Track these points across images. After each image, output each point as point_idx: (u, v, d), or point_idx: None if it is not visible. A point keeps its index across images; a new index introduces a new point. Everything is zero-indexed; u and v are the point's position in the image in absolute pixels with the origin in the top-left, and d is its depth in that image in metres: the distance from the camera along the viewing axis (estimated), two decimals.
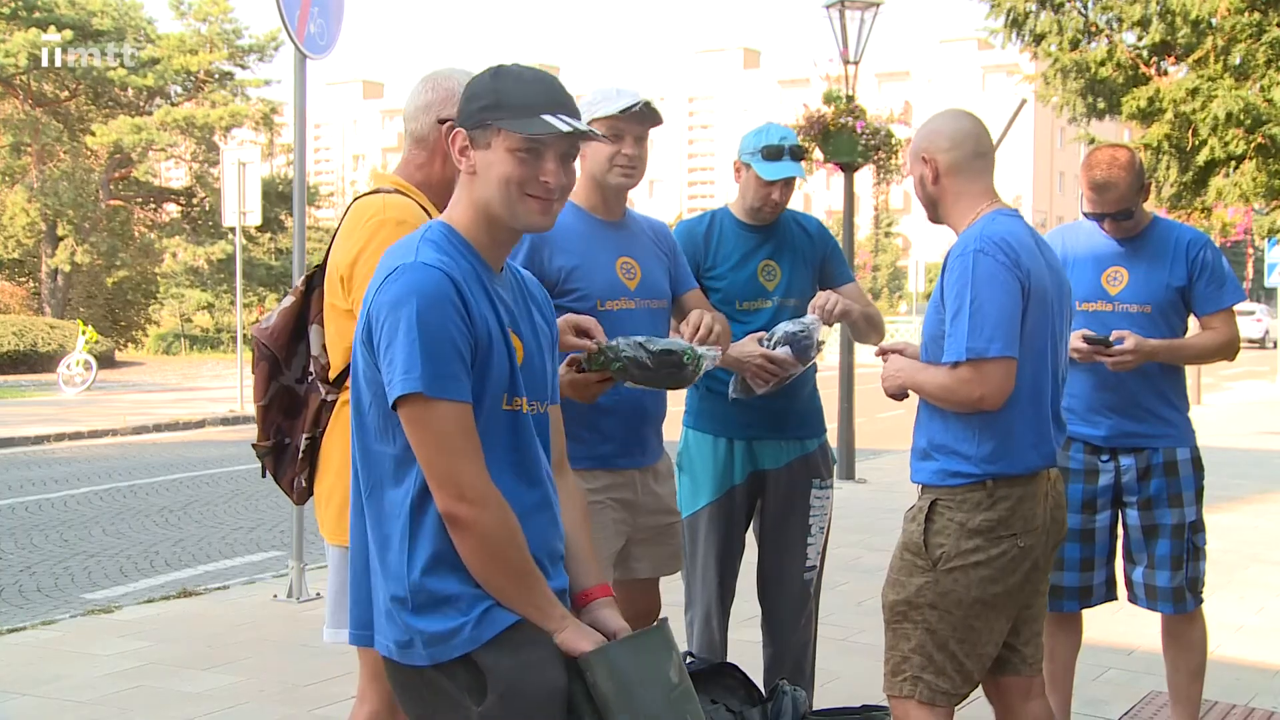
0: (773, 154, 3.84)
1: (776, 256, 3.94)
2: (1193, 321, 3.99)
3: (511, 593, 2.13)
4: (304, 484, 2.90)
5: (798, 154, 3.89)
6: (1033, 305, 2.92)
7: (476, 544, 2.09)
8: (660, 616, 2.27)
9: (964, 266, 2.91)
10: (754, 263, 3.92)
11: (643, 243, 3.56)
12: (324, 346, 2.84)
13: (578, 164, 3.43)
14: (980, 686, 3.15)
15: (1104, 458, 3.90)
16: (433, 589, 2.11)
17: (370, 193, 2.86)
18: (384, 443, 2.15)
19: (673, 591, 3.94)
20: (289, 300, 2.89)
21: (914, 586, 3.00)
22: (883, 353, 3.23)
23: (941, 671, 3.00)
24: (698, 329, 3.31)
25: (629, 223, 3.52)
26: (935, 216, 3.15)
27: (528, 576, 2.15)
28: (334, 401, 2.82)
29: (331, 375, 2.83)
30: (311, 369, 2.85)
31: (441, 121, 2.83)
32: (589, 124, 3.39)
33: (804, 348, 3.67)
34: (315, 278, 2.89)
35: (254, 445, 2.97)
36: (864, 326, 3.94)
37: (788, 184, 3.88)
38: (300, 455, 2.86)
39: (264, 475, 3.05)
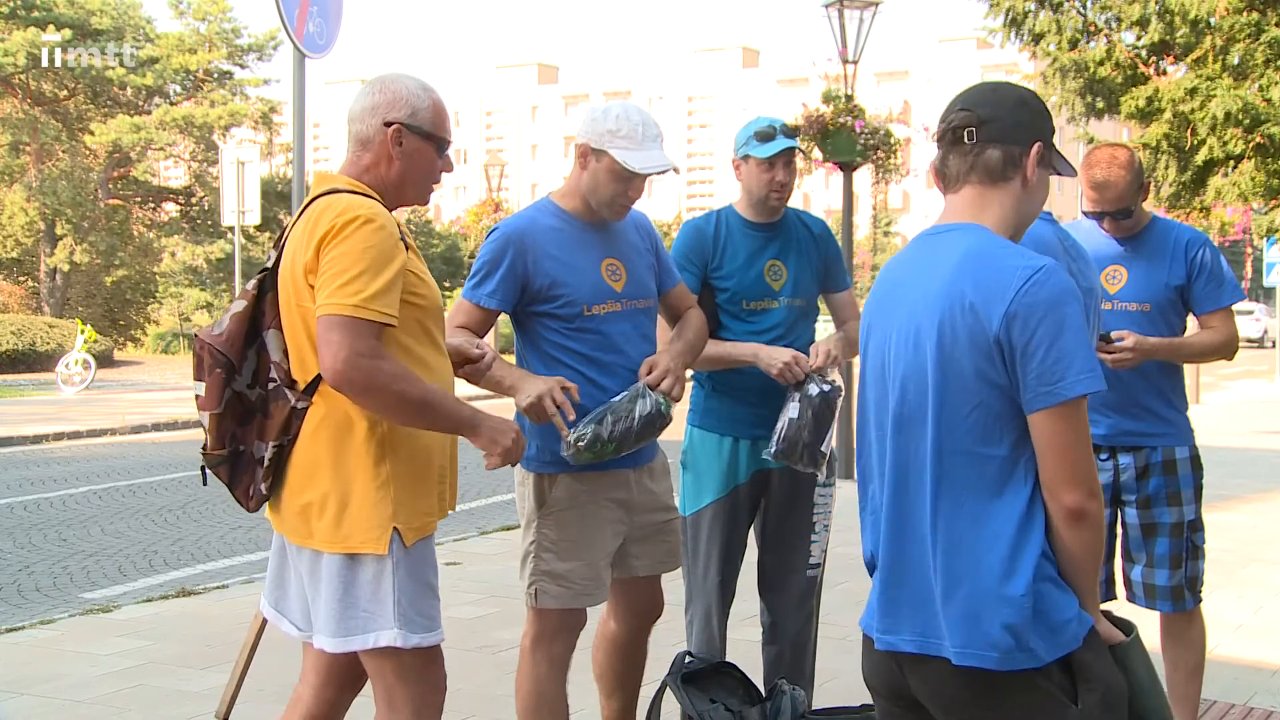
0: (765, 135, 3.85)
1: (782, 256, 3.93)
2: (1191, 320, 4.00)
3: (1094, 584, 2.15)
4: (263, 491, 2.84)
5: (790, 132, 3.89)
6: None
7: (1095, 537, 2.11)
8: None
9: None
10: (761, 262, 3.90)
11: (626, 240, 3.56)
12: (284, 352, 2.76)
13: (589, 174, 3.44)
14: None
15: (1103, 456, 3.90)
16: (1044, 589, 2.10)
17: (327, 193, 2.75)
18: (990, 445, 2.12)
19: (674, 591, 3.94)
20: (240, 305, 2.78)
21: None
22: None
23: None
24: (652, 371, 3.41)
25: (610, 220, 3.52)
26: None
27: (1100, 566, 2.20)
28: (304, 409, 2.74)
29: (302, 382, 2.74)
30: (274, 375, 2.77)
31: (388, 125, 2.80)
32: (606, 149, 3.38)
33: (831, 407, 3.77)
34: (267, 281, 2.80)
35: (204, 453, 2.87)
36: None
37: (788, 165, 3.86)
38: (266, 463, 2.80)
39: (205, 483, 2.99)
